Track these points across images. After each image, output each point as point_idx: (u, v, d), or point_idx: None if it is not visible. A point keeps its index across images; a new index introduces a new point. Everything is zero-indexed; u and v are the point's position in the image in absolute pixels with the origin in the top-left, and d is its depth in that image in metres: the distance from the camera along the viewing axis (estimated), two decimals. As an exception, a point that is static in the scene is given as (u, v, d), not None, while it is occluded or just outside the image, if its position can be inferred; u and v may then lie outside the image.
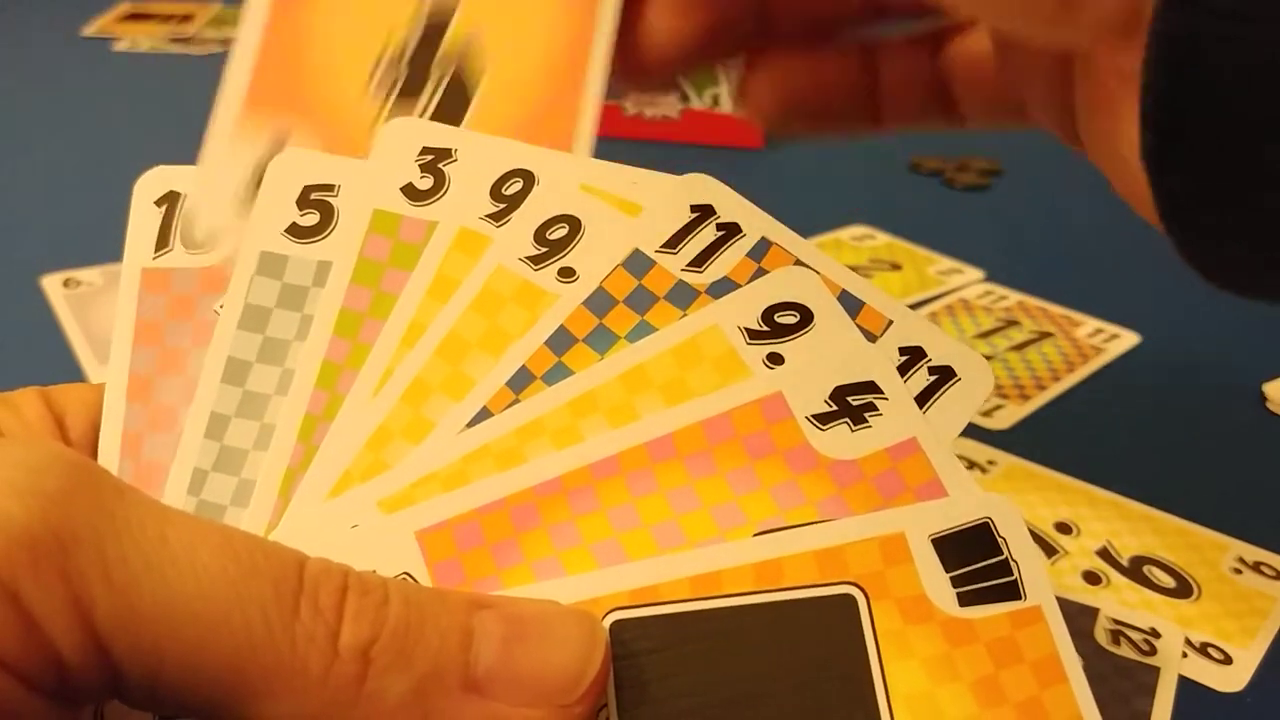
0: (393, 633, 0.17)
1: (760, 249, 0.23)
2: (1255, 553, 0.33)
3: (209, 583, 0.16)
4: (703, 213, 0.23)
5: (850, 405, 0.21)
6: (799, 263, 0.23)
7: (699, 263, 0.23)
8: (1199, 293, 0.49)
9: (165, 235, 0.23)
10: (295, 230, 0.23)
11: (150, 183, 0.24)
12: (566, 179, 0.24)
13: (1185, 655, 0.29)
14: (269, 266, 0.23)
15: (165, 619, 0.15)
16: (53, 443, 0.21)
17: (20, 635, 0.15)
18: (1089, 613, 0.30)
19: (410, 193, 0.24)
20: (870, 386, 0.21)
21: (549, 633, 0.18)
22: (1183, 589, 0.32)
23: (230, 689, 0.16)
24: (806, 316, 0.22)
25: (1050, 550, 0.33)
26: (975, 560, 0.20)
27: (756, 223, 0.23)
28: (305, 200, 0.23)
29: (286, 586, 0.16)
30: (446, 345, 0.22)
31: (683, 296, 0.23)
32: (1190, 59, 0.19)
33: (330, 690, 0.16)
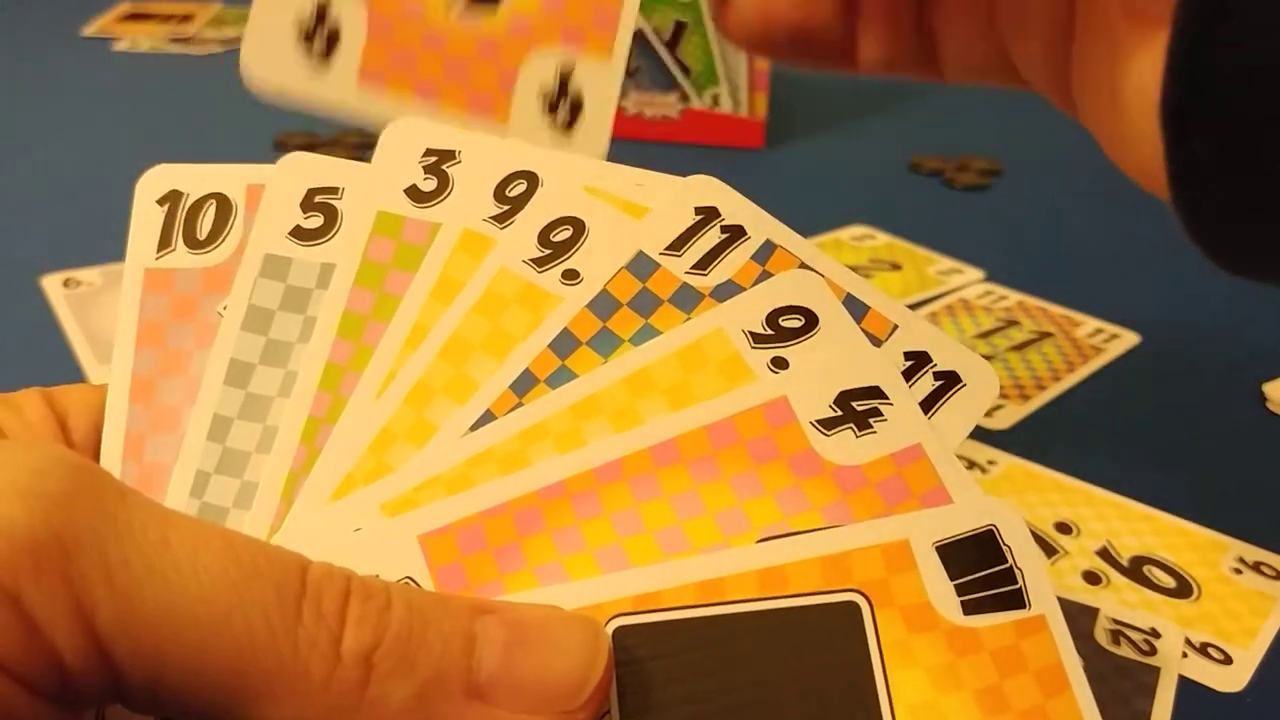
0: (395, 638, 0.17)
1: (765, 252, 0.23)
2: (1255, 553, 0.33)
3: (211, 586, 0.16)
4: (707, 215, 0.23)
5: (855, 410, 0.21)
6: (804, 266, 0.23)
7: (703, 265, 0.23)
8: (1199, 293, 0.49)
9: (168, 235, 0.23)
10: (299, 233, 0.23)
11: (152, 182, 0.24)
12: (570, 180, 0.24)
13: (1185, 655, 0.29)
14: (272, 269, 0.23)
15: (167, 622, 0.15)
16: (55, 445, 0.21)
17: (22, 639, 0.15)
18: (1089, 613, 0.30)
19: (414, 194, 0.24)
20: (875, 392, 0.21)
21: (552, 638, 0.18)
22: (1183, 589, 0.32)
23: (232, 693, 0.16)
24: (811, 320, 0.22)
25: (1050, 550, 0.33)
26: (980, 568, 0.20)
27: (761, 225, 0.23)
28: (309, 203, 0.23)
29: (289, 590, 0.16)
30: (450, 348, 0.22)
31: (687, 300, 0.23)
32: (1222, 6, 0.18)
33: (332, 695, 0.16)
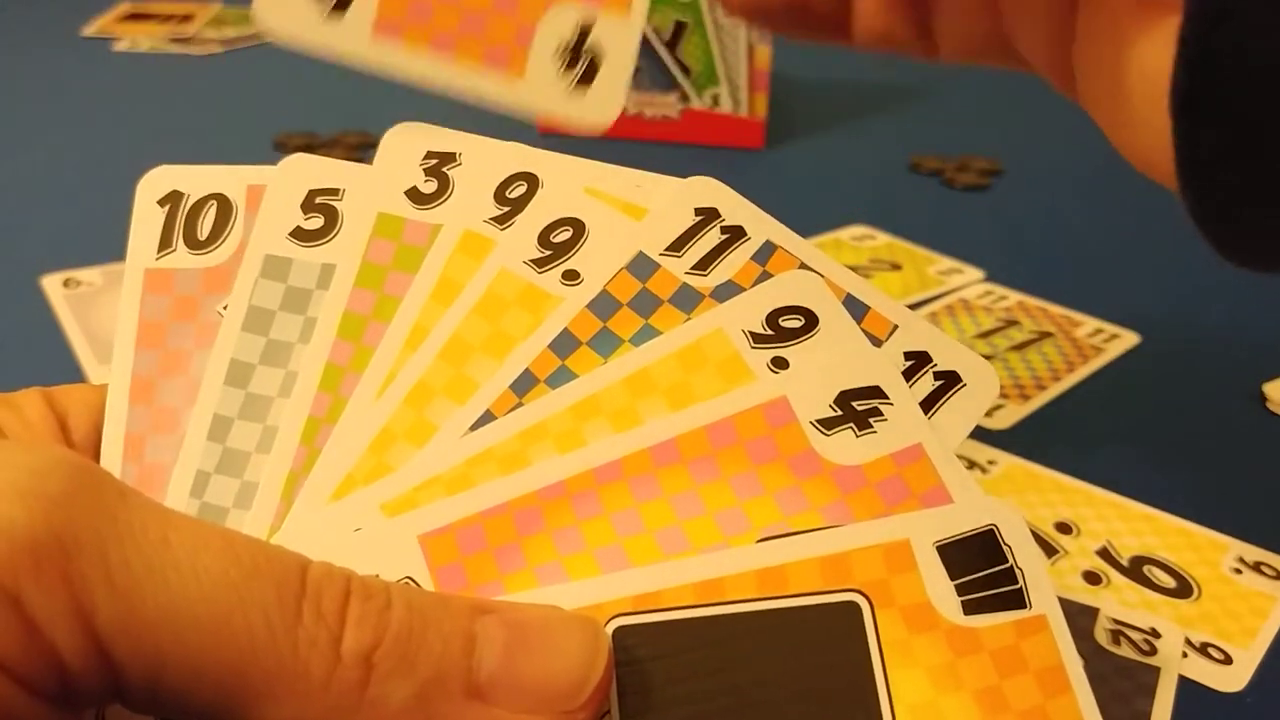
0: (395, 638, 0.17)
1: (765, 252, 0.23)
2: (1255, 553, 0.33)
3: (211, 586, 0.16)
4: (707, 216, 0.23)
5: (855, 410, 0.21)
6: (804, 266, 0.23)
7: (703, 266, 0.23)
8: (1199, 293, 0.49)
9: (168, 235, 0.23)
10: (299, 233, 0.23)
11: (153, 182, 0.24)
12: (570, 182, 0.24)
13: (1185, 655, 0.29)
14: (273, 269, 0.23)
15: (167, 622, 0.15)
16: (55, 445, 0.21)
17: (22, 639, 0.15)
18: (1089, 613, 0.30)
19: (414, 196, 0.24)
20: (875, 391, 0.21)
21: (552, 639, 0.18)
22: (1183, 589, 0.32)
23: (232, 693, 0.16)
24: (811, 321, 0.22)
25: (1050, 550, 0.33)
26: (980, 568, 0.20)
27: (761, 226, 0.23)
28: (310, 204, 0.23)
29: (289, 590, 0.16)
30: (450, 348, 0.22)
31: (687, 300, 0.23)
32: None
33: (332, 695, 0.16)
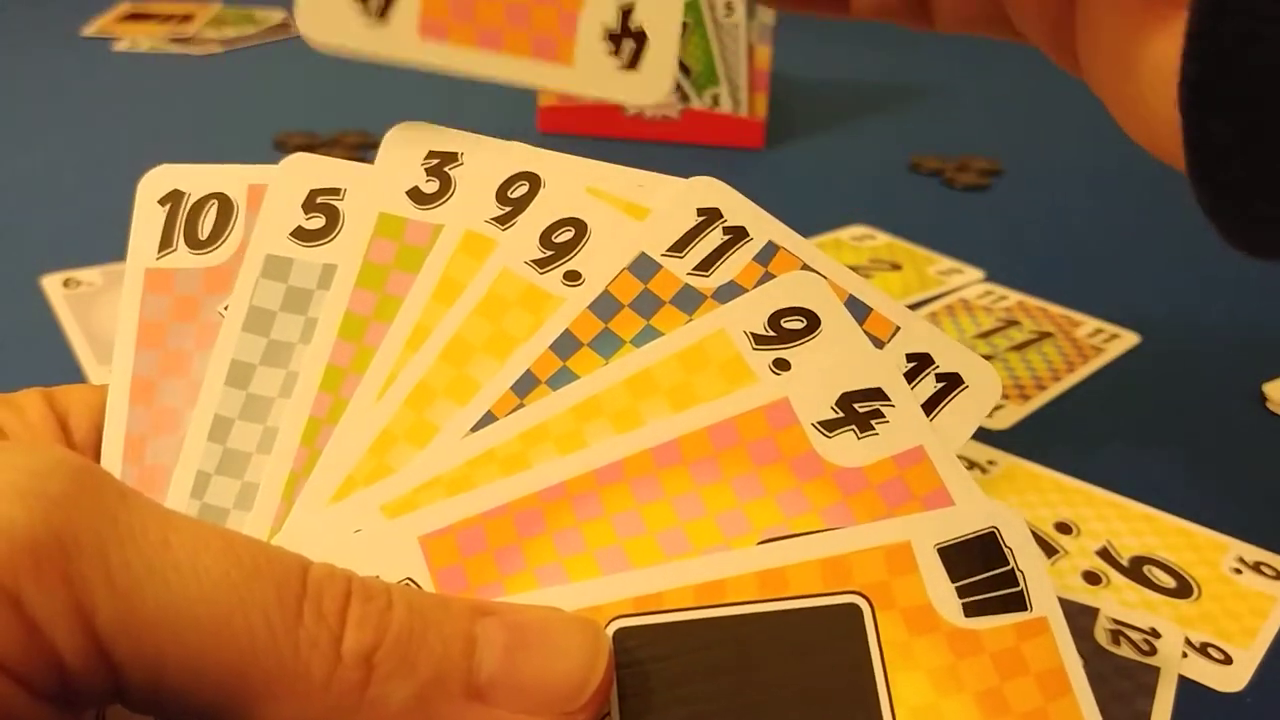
0: (396, 639, 0.17)
1: (767, 253, 0.23)
2: (1255, 553, 0.33)
3: (211, 587, 0.16)
4: (709, 216, 0.23)
5: (857, 412, 0.21)
6: (806, 267, 0.23)
7: (705, 267, 0.23)
8: (1199, 293, 0.49)
9: (169, 235, 0.23)
10: (300, 233, 0.23)
11: (154, 181, 0.24)
12: (572, 182, 0.24)
13: (1185, 655, 0.29)
14: (274, 269, 0.23)
15: (167, 623, 0.15)
16: (56, 446, 0.21)
17: (22, 640, 0.15)
18: (1089, 613, 0.30)
19: (416, 196, 0.24)
20: (877, 393, 0.21)
21: (552, 640, 0.18)
22: (1183, 589, 0.32)
23: (232, 693, 0.16)
24: (813, 322, 0.22)
25: (1050, 550, 0.33)
26: (981, 570, 0.20)
27: (763, 226, 0.23)
28: (311, 204, 0.23)
29: (289, 591, 0.16)
30: (451, 349, 0.22)
31: (689, 301, 0.23)
32: None
33: (333, 696, 0.16)
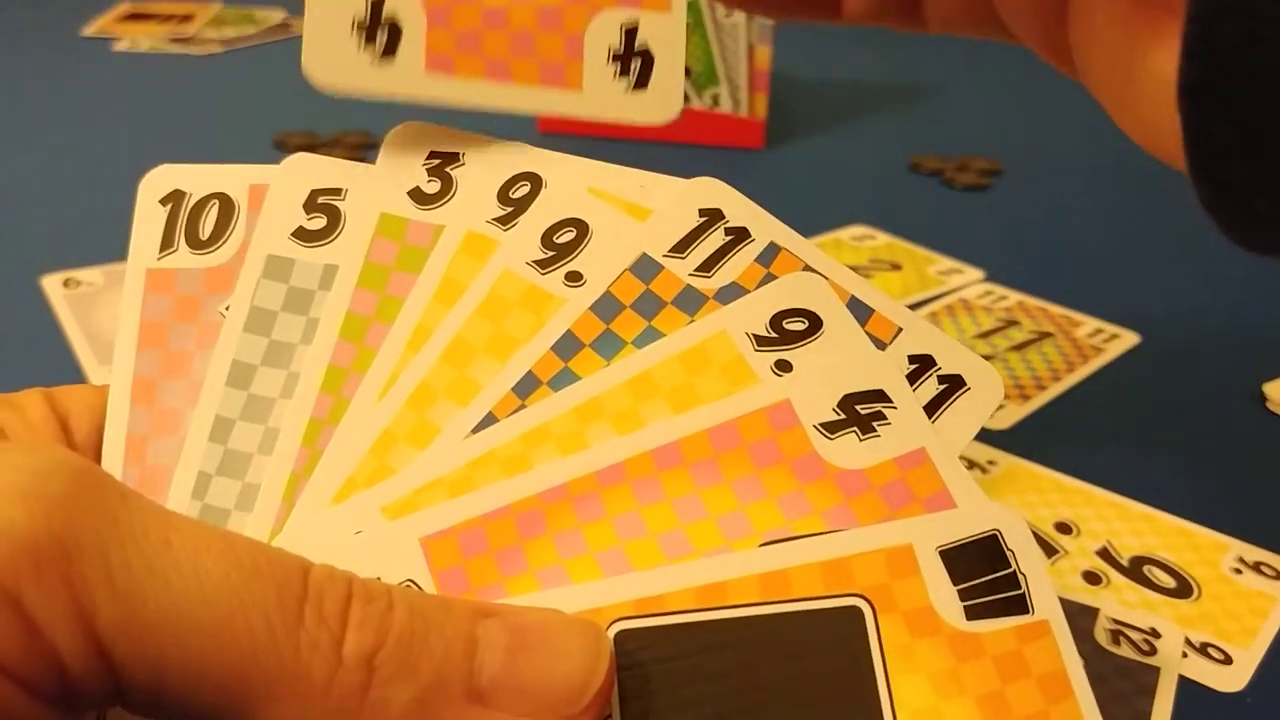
0: (397, 641, 0.17)
1: (769, 254, 0.23)
2: (1255, 553, 0.33)
3: (212, 589, 0.16)
4: (711, 217, 0.23)
5: (859, 414, 0.21)
6: (808, 268, 0.23)
7: (707, 268, 0.23)
8: (1199, 293, 0.49)
9: (170, 235, 0.23)
10: (302, 234, 0.23)
11: (155, 181, 0.24)
12: (574, 182, 0.24)
13: (1185, 655, 0.29)
14: (275, 270, 0.23)
15: (168, 625, 0.15)
16: (57, 447, 0.21)
17: (23, 641, 0.15)
18: (1089, 613, 0.30)
19: (417, 196, 0.24)
20: (879, 395, 0.21)
21: (553, 642, 0.18)
22: (1183, 589, 0.32)
23: (233, 696, 0.16)
24: (815, 323, 0.22)
25: (1050, 550, 0.33)
26: (983, 573, 0.20)
27: (765, 227, 0.23)
28: (312, 204, 0.23)
29: (290, 593, 0.16)
30: (452, 350, 0.22)
31: (691, 302, 0.23)
32: None
33: (334, 699, 0.16)
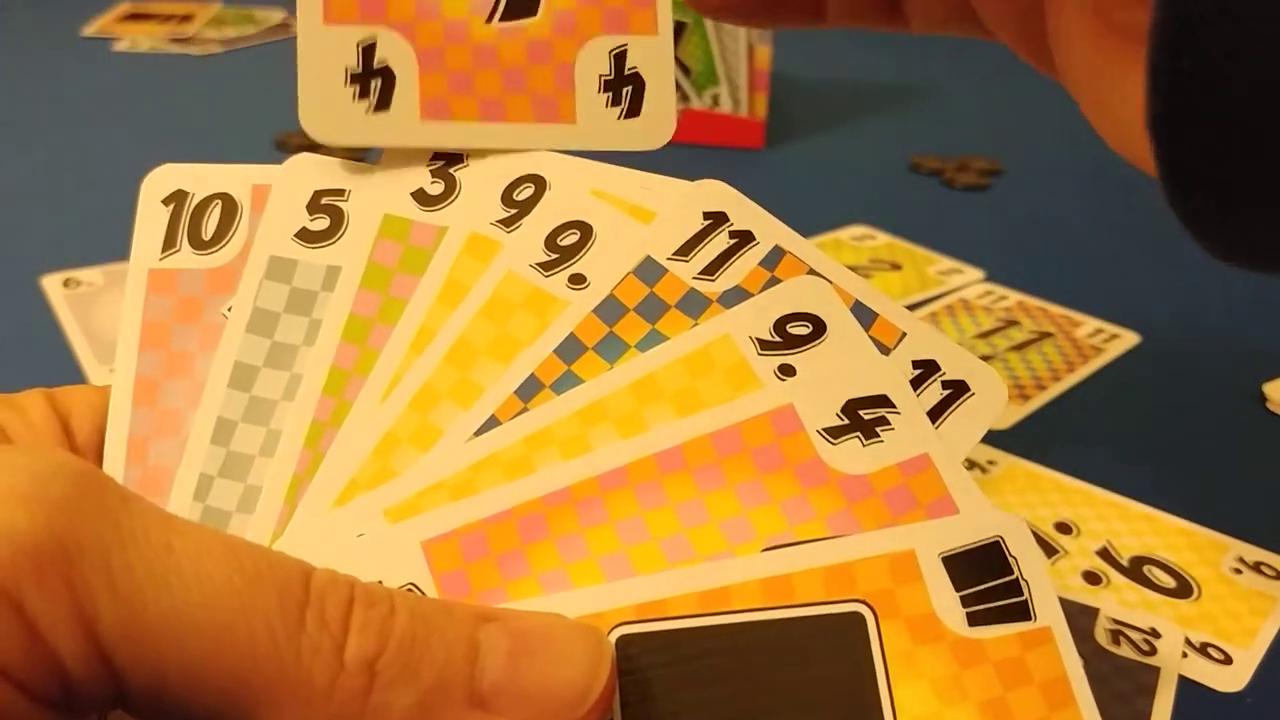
0: (399, 645, 0.17)
1: (773, 257, 0.23)
2: (1255, 553, 0.33)
3: (214, 593, 0.16)
4: (715, 220, 0.23)
5: (862, 419, 0.21)
6: (812, 272, 0.23)
7: (711, 271, 0.23)
8: (1199, 293, 0.49)
9: (172, 235, 0.23)
10: (305, 235, 0.23)
11: (157, 181, 0.23)
12: (578, 184, 0.23)
13: (1185, 655, 0.29)
14: (278, 271, 0.23)
15: (170, 629, 0.15)
16: (58, 450, 0.20)
17: (24, 645, 0.15)
18: (1089, 613, 0.30)
19: (421, 198, 0.23)
20: (883, 400, 0.21)
21: (555, 647, 0.18)
22: (1183, 589, 0.32)
23: (235, 700, 0.16)
24: (819, 327, 0.22)
25: (1050, 550, 0.33)
26: (986, 579, 0.20)
27: (770, 231, 0.23)
28: (315, 205, 0.23)
29: (292, 597, 0.16)
30: (455, 352, 0.22)
31: (694, 305, 0.23)
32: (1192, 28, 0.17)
33: (335, 703, 0.16)
